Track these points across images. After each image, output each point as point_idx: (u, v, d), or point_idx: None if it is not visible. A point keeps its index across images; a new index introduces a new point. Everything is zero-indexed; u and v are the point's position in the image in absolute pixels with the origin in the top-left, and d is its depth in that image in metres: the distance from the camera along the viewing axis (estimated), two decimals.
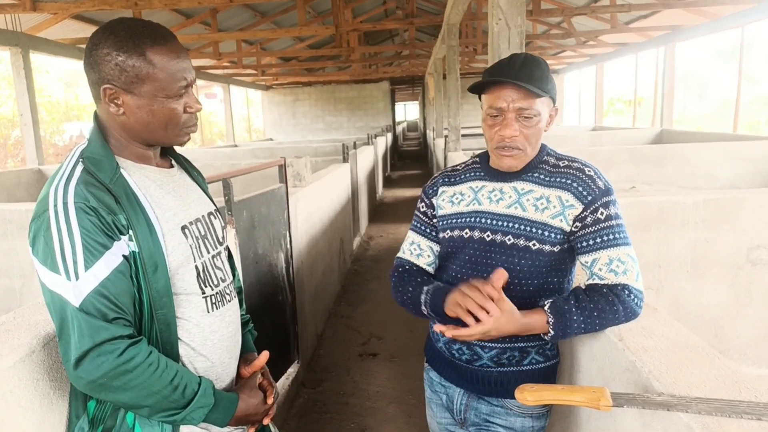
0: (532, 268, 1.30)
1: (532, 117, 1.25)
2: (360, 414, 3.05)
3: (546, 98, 1.27)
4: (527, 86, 1.22)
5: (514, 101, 1.24)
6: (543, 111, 1.27)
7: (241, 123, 21.33)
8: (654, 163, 6.13)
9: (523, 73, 1.24)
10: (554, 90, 1.29)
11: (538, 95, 1.23)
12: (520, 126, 1.26)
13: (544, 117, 1.28)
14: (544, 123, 1.29)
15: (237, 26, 10.89)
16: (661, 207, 2.82)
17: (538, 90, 1.23)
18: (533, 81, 1.23)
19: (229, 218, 2.42)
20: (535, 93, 1.23)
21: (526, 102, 1.24)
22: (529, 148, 1.29)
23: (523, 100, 1.24)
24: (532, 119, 1.26)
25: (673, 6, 8.10)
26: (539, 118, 1.26)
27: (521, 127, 1.26)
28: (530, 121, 1.26)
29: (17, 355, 1.08)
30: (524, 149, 1.29)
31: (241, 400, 1.17)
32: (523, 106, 1.24)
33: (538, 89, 1.23)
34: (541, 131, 1.29)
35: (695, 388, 0.99)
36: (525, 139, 1.27)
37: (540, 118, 1.27)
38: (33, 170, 7.26)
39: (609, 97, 19.69)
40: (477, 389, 1.41)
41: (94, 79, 1.06)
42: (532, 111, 1.25)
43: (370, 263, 6.28)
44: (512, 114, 1.26)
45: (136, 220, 1.04)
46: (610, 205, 1.26)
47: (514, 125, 1.26)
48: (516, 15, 2.78)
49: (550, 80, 1.27)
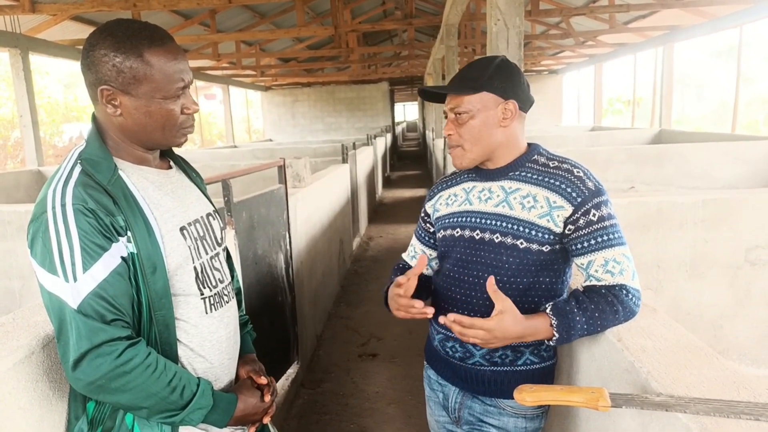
0: (521, 266, 1.30)
1: (464, 114, 1.32)
2: (359, 415, 3.05)
3: (481, 94, 1.30)
4: (447, 90, 1.35)
5: (449, 103, 1.35)
6: (480, 107, 1.31)
7: (240, 124, 21.33)
8: (653, 164, 6.13)
9: (456, 77, 1.37)
10: (498, 84, 1.31)
11: (465, 94, 1.31)
12: (455, 125, 1.35)
13: (482, 113, 1.31)
14: (484, 119, 1.31)
15: (236, 27, 10.89)
16: (659, 207, 2.82)
17: (458, 90, 1.32)
18: (463, 81, 1.33)
19: (229, 219, 2.42)
20: (460, 93, 1.32)
21: (456, 101, 1.33)
22: (467, 143, 1.34)
23: (453, 101, 1.33)
24: (463, 116, 1.32)
25: (672, 6, 8.11)
26: (470, 114, 1.31)
27: (456, 126, 1.34)
28: (462, 117, 1.32)
29: (17, 357, 1.08)
30: (462, 145, 1.35)
31: (239, 400, 1.17)
32: (452, 105, 1.34)
33: (460, 89, 1.32)
34: (477, 127, 1.32)
35: (694, 388, 0.99)
36: (460, 136, 1.34)
37: (472, 114, 1.31)
38: (32, 171, 7.25)
39: (608, 98, 19.73)
40: (471, 388, 1.42)
41: (91, 80, 1.07)
42: (462, 108, 1.32)
43: (370, 264, 6.28)
44: (450, 114, 1.36)
45: (135, 222, 1.04)
46: (601, 205, 1.26)
47: (449, 124, 1.36)
48: (514, 15, 2.79)
49: (489, 77, 1.30)
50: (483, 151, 1.34)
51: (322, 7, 11.36)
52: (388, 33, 15.31)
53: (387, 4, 12.35)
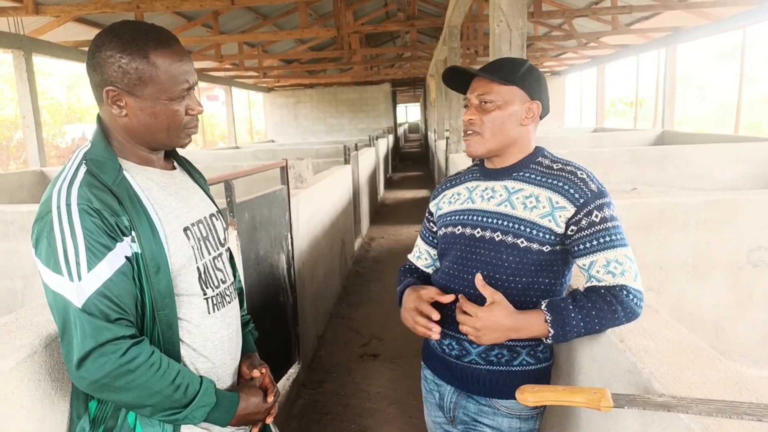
0: (520, 265, 1.30)
1: (490, 102, 1.31)
2: (360, 415, 3.05)
3: (512, 88, 1.31)
4: (482, 74, 1.32)
5: (475, 90, 1.34)
6: (508, 99, 1.31)
7: (242, 125, 21.36)
8: (655, 165, 6.12)
9: (491, 65, 1.36)
10: (529, 83, 1.32)
11: (498, 83, 1.30)
12: (479, 111, 1.34)
13: (511, 106, 1.31)
14: (511, 113, 1.32)
15: (239, 29, 10.91)
16: (662, 208, 2.82)
17: (495, 77, 1.30)
18: (498, 72, 1.32)
19: (231, 220, 2.43)
20: (495, 80, 1.30)
21: (486, 88, 1.32)
22: (488, 132, 1.33)
23: (484, 87, 1.32)
24: (490, 104, 1.31)
25: (674, 7, 8.10)
26: (499, 105, 1.31)
27: (480, 113, 1.33)
28: (488, 105, 1.32)
29: (19, 356, 1.09)
30: (482, 133, 1.34)
31: (242, 400, 1.17)
32: (481, 92, 1.32)
33: (495, 76, 1.31)
34: (502, 119, 1.32)
35: (696, 389, 0.99)
36: (482, 123, 1.33)
37: (500, 105, 1.31)
38: (35, 172, 7.27)
39: (610, 99, 19.69)
40: (466, 387, 1.42)
41: (96, 81, 1.07)
42: (491, 96, 1.31)
43: (372, 264, 6.28)
44: (475, 101, 1.35)
45: (139, 222, 1.04)
46: (604, 207, 1.26)
47: (472, 110, 1.35)
48: (517, 17, 2.79)
49: (522, 74, 1.32)
50: (500, 144, 1.35)
51: (325, 9, 11.37)
52: (390, 34, 15.33)
53: (389, 6, 12.36)
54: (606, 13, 8.48)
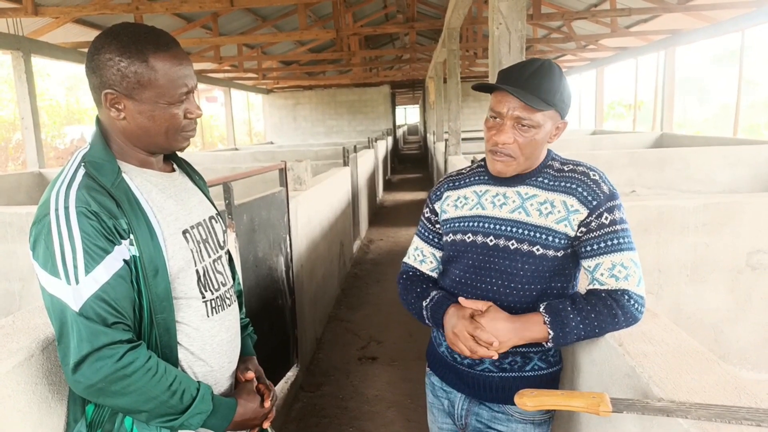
0: (536, 273, 1.29)
1: (530, 128, 1.24)
2: (359, 418, 3.05)
3: (550, 111, 1.24)
4: (525, 99, 1.20)
5: (513, 109, 1.23)
6: (544, 123, 1.24)
7: (241, 126, 21.36)
8: (654, 167, 6.13)
9: (530, 83, 1.23)
10: (564, 103, 1.27)
11: (540, 109, 1.22)
12: (515, 134, 1.25)
13: (545, 129, 1.25)
14: (545, 134, 1.27)
15: (238, 30, 10.92)
16: (660, 211, 2.82)
17: (538, 104, 1.21)
18: (539, 92, 1.22)
19: (230, 222, 2.42)
20: (539, 108, 1.21)
21: (526, 112, 1.22)
22: (522, 157, 1.27)
23: (523, 110, 1.23)
24: (530, 130, 1.24)
25: (673, 10, 8.12)
26: (538, 130, 1.24)
27: (516, 135, 1.25)
28: (527, 131, 1.24)
29: (16, 359, 1.08)
30: (516, 157, 1.27)
31: (239, 405, 1.17)
32: (522, 115, 1.23)
33: (540, 102, 1.21)
34: (538, 143, 1.27)
35: (695, 393, 0.99)
36: (518, 148, 1.26)
37: (539, 130, 1.24)
38: (34, 173, 7.26)
39: (609, 101, 19.71)
40: (478, 394, 1.40)
41: (95, 84, 1.07)
42: (530, 122, 1.23)
43: (370, 267, 6.28)
44: (510, 121, 1.25)
45: (137, 225, 1.04)
46: (614, 209, 1.25)
47: (509, 132, 1.25)
48: (516, 19, 2.79)
49: (560, 93, 1.25)
50: (530, 165, 1.31)
51: (324, 11, 11.38)
52: (389, 36, 15.34)
53: (389, 8, 12.38)
54: (605, 15, 8.50)
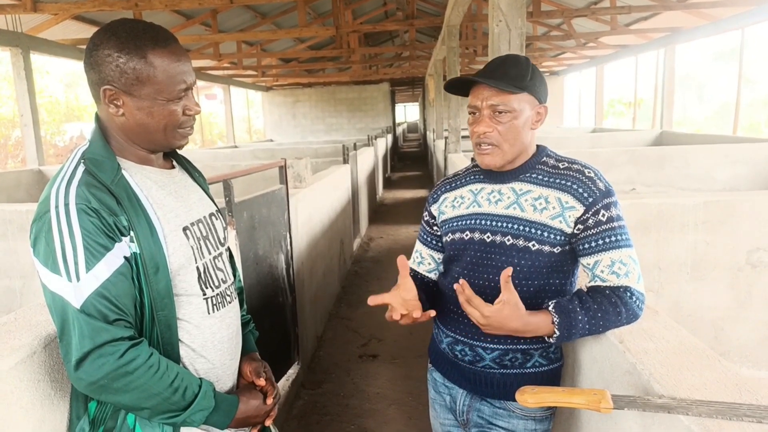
0: (532, 268, 1.30)
1: (505, 113, 1.26)
2: (360, 415, 3.05)
3: (524, 95, 1.27)
4: (493, 83, 1.25)
5: (487, 98, 1.27)
6: (520, 107, 1.27)
7: (241, 124, 21.34)
8: (654, 165, 6.13)
9: (497, 72, 1.28)
10: (538, 88, 1.29)
11: (511, 92, 1.25)
12: (494, 122, 1.28)
13: (523, 114, 1.27)
14: (524, 120, 1.28)
15: (237, 27, 10.90)
16: (660, 209, 2.82)
17: (507, 86, 1.24)
18: (507, 78, 1.26)
19: (230, 219, 2.42)
20: (506, 90, 1.24)
21: (499, 98, 1.26)
22: (506, 144, 1.29)
23: (496, 97, 1.26)
24: (506, 115, 1.26)
25: (673, 8, 8.11)
26: (514, 114, 1.26)
27: (495, 124, 1.28)
28: (503, 116, 1.26)
29: (18, 356, 1.08)
30: (499, 145, 1.29)
31: (241, 402, 1.17)
32: (495, 102, 1.26)
33: (508, 85, 1.24)
34: (519, 128, 1.28)
35: (696, 390, 0.99)
36: (499, 135, 1.28)
37: (515, 114, 1.27)
38: (33, 171, 7.26)
39: (609, 99, 19.71)
40: (480, 391, 1.41)
41: (94, 80, 1.07)
42: (505, 107, 1.26)
43: (371, 264, 6.28)
44: (487, 111, 1.28)
45: (138, 222, 1.04)
46: (611, 206, 1.26)
47: (486, 121, 1.28)
48: (516, 17, 2.79)
49: (531, 78, 1.27)
50: (517, 153, 1.32)
51: (324, 8, 11.36)
52: (389, 34, 15.31)
53: (388, 5, 12.36)
54: (605, 13, 8.48)
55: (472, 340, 1.36)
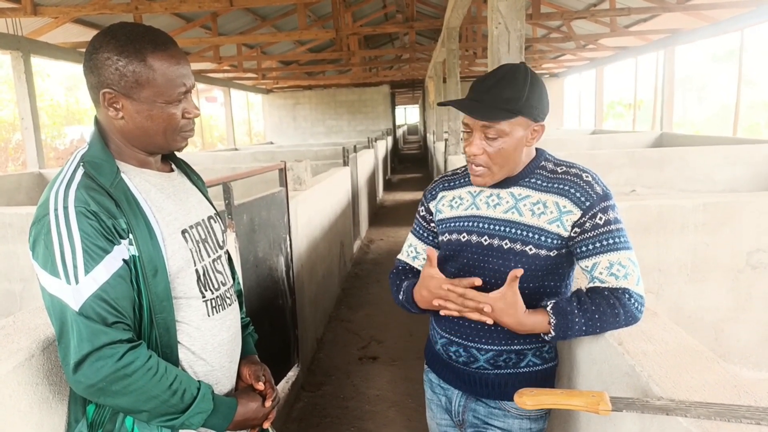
0: (529, 272, 1.30)
1: (496, 138, 1.25)
2: (360, 418, 3.05)
3: (517, 119, 1.24)
4: (480, 117, 1.23)
5: (477, 121, 1.26)
6: (512, 131, 1.25)
7: (241, 126, 21.35)
8: (654, 167, 6.13)
9: (491, 93, 1.25)
10: (534, 107, 1.25)
11: (502, 119, 1.23)
12: (484, 145, 1.27)
13: (514, 136, 1.25)
14: (516, 142, 1.26)
15: (237, 30, 10.92)
16: (660, 211, 2.82)
17: (496, 116, 1.23)
18: (499, 102, 1.23)
19: (230, 222, 2.42)
20: (499, 120, 1.23)
21: (490, 122, 1.24)
22: (495, 167, 1.28)
23: (487, 120, 1.24)
24: (496, 140, 1.25)
25: (673, 10, 8.12)
26: (505, 139, 1.25)
27: (485, 146, 1.27)
28: (494, 141, 1.26)
29: (17, 360, 1.08)
30: (489, 167, 1.29)
31: (240, 405, 1.17)
32: (486, 124, 1.25)
33: (499, 112, 1.23)
34: (509, 151, 1.27)
35: (694, 392, 0.99)
36: (489, 158, 1.27)
37: (507, 139, 1.25)
38: (34, 174, 7.26)
39: (609, 101, 19.74)
40: (474, 391, 1.42)
41: (93, 83, 1.07)
42: (495, 131, 1.24)
43: (371, 266, 6.28)
44: (478, 132, 1.27)
45: (137, 224, 1.04)
46: (609, 209, 1.26)
47: (477, 143, 1.27)
48: (515, 19, 2.79)
49: (526, 99, 1.24)
50: (508, 173, 1.32)
51: (324, 11, 11.38)
52: (389, 36, 15.34)
53: (388, 8, 12.38)
54: (604, 15, 8.50)
55: (467, 341, 1.37)
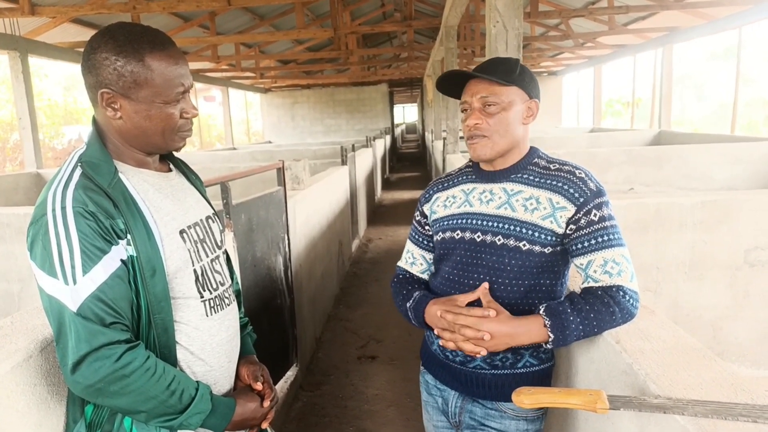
0: (522, 268, 1.30)
1: (495, 104, 1.29)
2: (359, 417, 3.05)
3: (513, 88, 1.30)
4: (481, 75, 1.29)
5: (477, 92, 1.31)
6: (511, 99, 1.30)
7: (239, 126, 21.34)
8: (652, 165, 6.14)
9: (485, 67, 1.33)
10: (527, 83, 1.32)
11: (499, 83, 1.29)
12: (484, 115, 1.31)
13: (513, 106, 1.30)
14: (515, 113, 1.31)
15: (235, 29, 10.91)
16: (658, 208, 2.82)
17: (497, 78, 1.28)
18: (496, 73, 1.30)
19: (228, 221, 2.42)
20: (496, 81, 1.28)
21: (488, 91, 1.30)
22: (496, 135, 1.31)
23: (486, 90, 1.30)
24: (495, 106, 1.29)
25: (671, 8, 8.13)
26: (503, 106, 1.29)
27: (485, 116, 1.31)
28: (493, 108, 1.30)
29: (15, 360, 1.08)
30: (489, 136, 1.31)
31: (238, 405, 1.17)
32: (484, 95, 1.30)
33: (497, 78, 1.28)
34: (509, 120, 1.31)
35: (692, 390, 0.99)
36: (489, 126, 1.31)
37: (505, 106, 1.30)
38: (31, 174, 7.25)
39: (607, 99, 19.75)
40: (471, 392, 1.41)
41: (91, 83, 1.07)
42: (494, 99, 1.29)
43: (369, 266, 6.28)
44: (477, 104, 1.32)
45: (135, 225, 1.04)
46: (602, 206, 1.26)
47: (477, 114, 1.32)
48: (513, 17, 2.79)
49: (519, 73, 1.31)
50: (508, 145, 1.33)
51: (322, 9, 11.37)
52: (387, 35, 15.33)
53: (386, 6, 12.37)
54: (603, 13, 8.50)
55: None
